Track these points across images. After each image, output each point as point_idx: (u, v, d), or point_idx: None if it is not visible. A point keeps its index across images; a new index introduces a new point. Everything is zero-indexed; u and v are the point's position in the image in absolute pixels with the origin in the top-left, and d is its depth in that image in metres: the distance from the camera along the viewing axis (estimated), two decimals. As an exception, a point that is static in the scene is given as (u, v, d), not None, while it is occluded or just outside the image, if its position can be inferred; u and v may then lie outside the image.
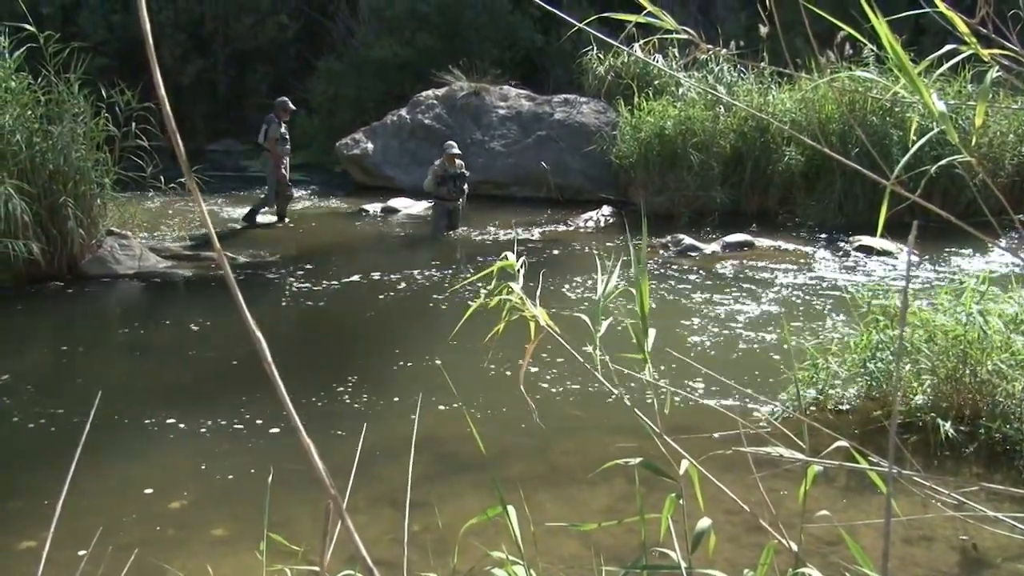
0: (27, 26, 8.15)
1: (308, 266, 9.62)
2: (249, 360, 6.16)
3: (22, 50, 8.48)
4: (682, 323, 7.31)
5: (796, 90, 12.34)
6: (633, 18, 1.58)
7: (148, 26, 0.79)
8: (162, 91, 0.79)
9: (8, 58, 8.43)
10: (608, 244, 10.66)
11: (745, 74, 13.24)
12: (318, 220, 12.32)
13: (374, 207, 12.95)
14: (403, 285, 8.67)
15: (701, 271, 9.26)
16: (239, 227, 11.59)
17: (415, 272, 9.13)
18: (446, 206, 11.22)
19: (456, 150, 11.17)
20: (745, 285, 8.62)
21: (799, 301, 8.02)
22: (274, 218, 11.98)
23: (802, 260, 9.74)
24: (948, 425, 4.69)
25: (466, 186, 11.24)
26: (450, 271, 9.21)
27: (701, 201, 12.01)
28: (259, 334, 0.80)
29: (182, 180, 8.97)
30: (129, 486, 4.53)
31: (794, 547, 1.55)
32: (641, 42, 10.67)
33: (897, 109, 11.25)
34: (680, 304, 7.90)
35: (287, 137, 11.90)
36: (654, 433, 1.63)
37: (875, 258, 9.70)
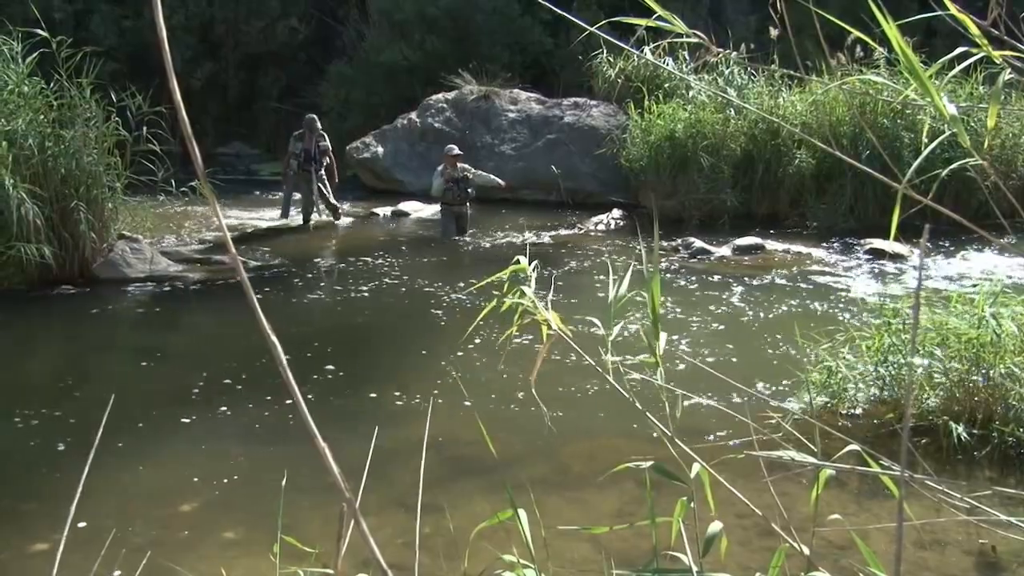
0: (39, 31, 8.20)
1: (319, 270, 9.65)
2: (260, 363, 6.17)
3: (35, 55, 8.54)
4: (693, 326, 7.30)
5: (807, 93, 12.31)
6: (643, 22, 1.57)
7: (164, 32, 0.80)
8: (178, 96, 0.80)
9: (21, 63, 8.49)
10: (619, 247, 10.65)
11: (755, 77, 13.21)
12: (329, 224, 12.34)
13: (384, 211, 12.97)
14: (414, 289, 8.68)
15: (712, 274, 9.24)
16: (249, 231, 11.64)
17: (426, 276, 9.14)
18: (452, 210, 11.23)
19: (456, 151, 11.20)
20: (756, 288, 8.60)
21: (810, 304, 7.99)
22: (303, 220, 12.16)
23: (813, 263, 9.71)
24: (961, 428, 4.66)
25: (471, 190, 11.22)
26: (461, 275, 9.21)
27: (711, 204, 11.99)
28: (274, 338, 0.81)
29: (193, 184, 9.00)
30: (141, 489, 4.55)
31: (806, 551, 1.55)
32: (651, 45, 10.67)
33: (908, 112, 11.21)
34: (691, 307, 7.89)
35: (298, 153, 11.88)
36: (665, 436, 1.62)
37: (886, 261, 9.66)
